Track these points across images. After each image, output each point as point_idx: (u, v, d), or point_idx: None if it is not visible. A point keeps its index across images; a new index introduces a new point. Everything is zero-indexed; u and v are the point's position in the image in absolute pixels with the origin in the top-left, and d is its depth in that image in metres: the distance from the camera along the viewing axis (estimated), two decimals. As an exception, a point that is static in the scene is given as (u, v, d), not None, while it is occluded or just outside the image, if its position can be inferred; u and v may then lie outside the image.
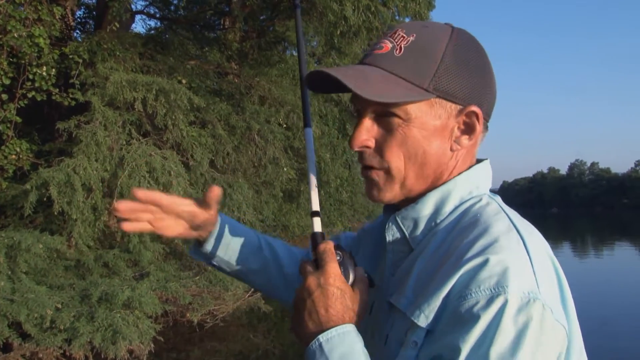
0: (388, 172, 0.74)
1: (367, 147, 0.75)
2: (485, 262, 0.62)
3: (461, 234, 0.69)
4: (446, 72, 0.71)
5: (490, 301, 0.60)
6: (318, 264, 0.73)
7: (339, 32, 6.79)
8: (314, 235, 0.79)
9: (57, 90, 7.51)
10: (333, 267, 0.71)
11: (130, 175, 6.84)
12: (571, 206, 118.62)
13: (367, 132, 0.74)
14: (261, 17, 11.21)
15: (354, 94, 0.70)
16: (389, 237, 0.77)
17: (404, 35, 0.73)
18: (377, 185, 0.76)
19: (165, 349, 6.64)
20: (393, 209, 0.80)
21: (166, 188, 6.92)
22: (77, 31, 11.36)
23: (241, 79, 9.63)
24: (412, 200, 0.76)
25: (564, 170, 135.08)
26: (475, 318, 0.60)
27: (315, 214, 0.81)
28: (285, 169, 9.13)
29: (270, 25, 11.04)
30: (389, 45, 0.73)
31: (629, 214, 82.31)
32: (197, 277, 7.55)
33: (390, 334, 0.71)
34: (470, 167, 0.77)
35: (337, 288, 0.70)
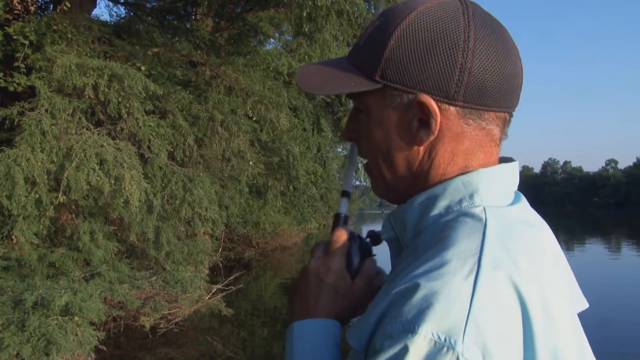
0: (369, 165, 0.73)
1: (353, 139, 0.74)
2: (413, 289, 0.53)
3: (425, 251, 0.59)
4: (393, 57, 0.63)
5: (397, 339, 0.51)
6: (326, 251, 0.75)
7: (305, 14, 6.32)
8: (337, 215, 0.79)
9: (2, 74, 6.89)
10: (335, 262, 0.73)
11: (79, 168, 6.28)
12: (544, 204, 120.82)
13: (351, 125, 0.73)
14: (237, 10, 10.75)
15: None
16: (384, 236, 0.73)
17: (375, 21, 0.68)
18: (370, 178, 0.74)
19: (115, 356, 6.13)
20: None
21: (118, 181, 6.39)
22: (39, 16, 10.69)
23: (206, 67, 9.10)
24: (407, 199, 0.70)
25: (537, 169, 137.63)
26: (382, 354, 0.52)
27: (345, 193, 0.81)
28: (251, 163, 8.65)
29: (242, 17, 10.56)
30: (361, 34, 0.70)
31: (600, 212, 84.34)
32: (154, 278, 7.03)
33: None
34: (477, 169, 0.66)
35: (333, 282, 0.72)
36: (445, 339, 0.50)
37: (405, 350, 0.50)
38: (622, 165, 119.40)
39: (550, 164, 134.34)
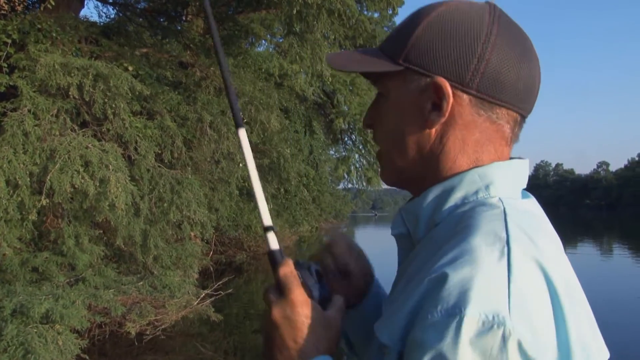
0: (381, 152, 0.73)
1: (371, 127, 0.75)
2: (447, 277, 0.53)
3: (446, 240, 0.59)
4: (418, 42, 0.66)
5: (443, 325, 0.51)
6: (281, 290, 0.68)
7: (295, 12, 6.20)
8: (271, 254, 0.72)
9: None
10: (298, 295, 0.68)
11: (62, 170, 6.10)
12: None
13: (371, 112, 0.74)
14: (229, 11, 10.64)
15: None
16: (395, 232, 0.72)
17: (410, 15, 0.71)
18: (380, 166, 0.75)
19: (99, 364, 5.95)
20: None
21: (103, 183, 6.21)
22: (24, 15, 10.48)
23: (196, 68, 8.95)
24: (421, 192, 0.69)
25: (530, 171, 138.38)
26: (429, 344, 0.51)
27: (268, 229, 0.73)
28: (241, 165, 8.49)
29: (233, 18, 10.43)
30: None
31: (591, 215, 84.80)
32: (141, 283, 6.86)
33: (371, 348, 0.71)
34: (492, 162, 0.67)
35: (305, 317, 0.66)
36: (493, 317, 0.50)
37: (454, 334, 0.50)
38: (613, 168, 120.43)
39: (543, 166, 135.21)
